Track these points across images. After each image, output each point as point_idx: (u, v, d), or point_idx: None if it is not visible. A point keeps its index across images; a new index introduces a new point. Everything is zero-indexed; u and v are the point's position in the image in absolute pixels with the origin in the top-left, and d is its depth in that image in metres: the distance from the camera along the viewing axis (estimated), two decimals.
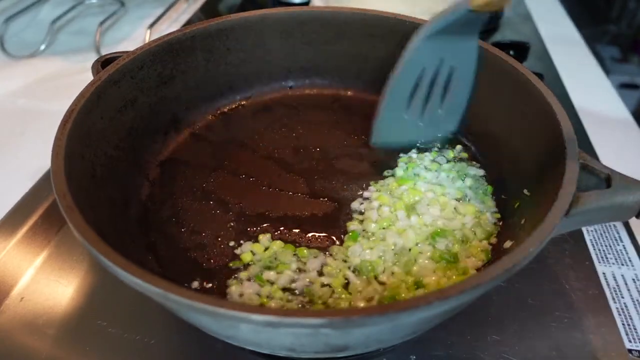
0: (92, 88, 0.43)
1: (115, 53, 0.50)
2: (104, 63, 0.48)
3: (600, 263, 0.48)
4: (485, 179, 0.50)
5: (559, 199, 0.34)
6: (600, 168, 0.37)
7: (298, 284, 0.40)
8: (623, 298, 0.45)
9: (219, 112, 0.59)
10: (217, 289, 0.40)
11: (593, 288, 0.46)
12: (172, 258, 0.43)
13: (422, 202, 0.46)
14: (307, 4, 0.90)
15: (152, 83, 0.51)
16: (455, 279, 0.40)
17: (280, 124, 0.58)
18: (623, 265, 0.48)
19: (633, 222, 0.52)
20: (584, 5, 1.47)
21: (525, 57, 0.77)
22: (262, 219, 0.46)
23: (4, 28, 0.81)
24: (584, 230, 0.51)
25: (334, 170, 0.52)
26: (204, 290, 0.40)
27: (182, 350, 0.41)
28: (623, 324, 0.43)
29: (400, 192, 0.47)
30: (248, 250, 0.43)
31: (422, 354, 0.41)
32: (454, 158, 0.52)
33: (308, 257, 0.43)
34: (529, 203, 0.42)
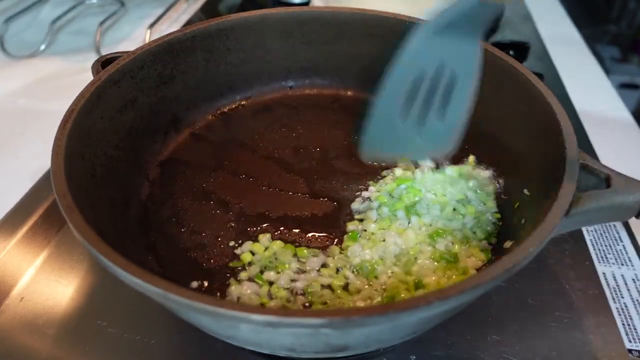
0: (92, 88, 0.43)
1: (116, 53, 0.50)
2: (104, 63, 0.48)
3: (600, 263, 0.48)
4: (490, 181, 0.49)
5: (559, 199, 0.34)
6: (600, 168, 0.37)
7: (298, 284, 0.40)
8: (623, 298, 0.45)
9: (219, 112, 0.59)
10: (217, 289, 0.40)
11: (593, 288, 0.46)
12: (172, 258, 0.43)
13: (422, 202, 0.46)
14: (307, 4, 0.90)
15: (152, 83, 0.51)
16: (455, 279, 0.40)
17: (280, 124, 0.58)
18: (623, 265, 0.48)
19: (633, 222, 0.52)
20: (584, 5, 1.47)
21: (525, 57, 0.77)
22: (262, 219, 0.46)
23: (4, 28, 0.81)
24: (584, 230, 0.51)
25: (334, 170, 0.52)
26: (204, 290, 0.40)
27: (182, 350, 0.41)
28: (623, 324, 0.43)
29: (400, 192, 0.47)
30: (248, 250, 0.43)
31: (422, 354, 0.41)
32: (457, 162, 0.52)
33: (308, 257, 0.43)
34: (529, 203, 0.42)
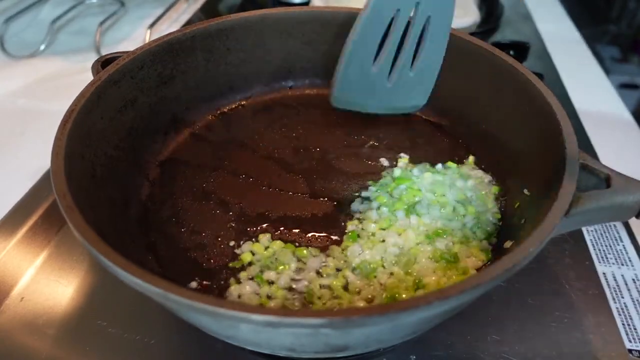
0: (92, 88, 0.43)
1: (116, 53, 0.50)
2: (104, 63, 0.48)
3: (600, 263, 0.48)
4: (491, 183, 0.49)
5: (559, 199, 0.34)
6: (600, 168, 0.37)
7: (298, 284, 0.40)
8: (623, 298, 0.45)
9: (219, 112, 0.59)
10: (217, 289, 0.40)
11: (593, 288, 0.46)
12: (172, 258, 0.43)
13: (422, 202, 0.46)
14: (307, 4, 0.90)
15: (152, 83, 0.51)
16: (455, 279, 0.40)
17: (280, 124, 0.58)
18: (623, 265, 0.48)
19: (633, 222, 0.52)
20: (584, 5, 1.47)
21: (525, 57, 0.77)
22: (262, 219, 0.46)
23: (4, 28, 0.81)
24: (584, 230, 0.51)
25: (334, 170, 0.52)
26: (204, 290, 0.40)
27: (182, 350, 0.41)
28: (623, 324, 0.43)
29: (400, 192, 0.47)
30: (248, 250, 0.43)
31: (422, 354, 0.41)
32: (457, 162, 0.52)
33: (308, 257, 0.43)
34: (529, 203, 0.42)
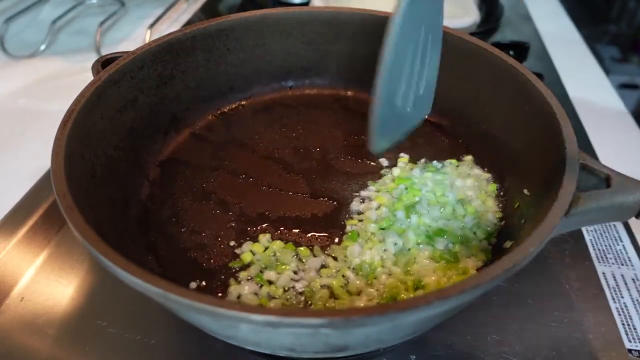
0: (92, 88, 0.43)
1: (116, 53, 0.50)
2: (104, 63, 0.48)
3: (600, 263, 0.48)
4: (489, 182, 0.49)
5: (559, 199, 0.34)
6: (600, 168, 0.37)
7: (298, 284, 0.40)
8: (623, 298, 0.45)
9: (219, 112, 0.59)
10: (217, 289, 0.40)
11: (593, 288, 0.46)
12: (172, 258, 0.43)
13: (422, 202, 0.46)
14: (307, 4, 0.90)
15: (152, 83, 0.51)
16: (455, 279, 0.40)
17: (280, 124, 0.58)
18: (623, 265, 0.48)
19: (633, 222, 0.52)
20: (584, 5, 1.47)
21: (525, 57, 0.77)
22: (262, 219, 0.46)
23: (4, 28, 0.81)
24: (584, 230, 0.51)
25: (334, 170, 0.52)
26: (204, 290, 0.40)
27: (182, 350, 0.41)
28: (623, 324, 0.43)
29: (400, 192, 0.47)
30: (248, 250, 0.43)
31: (422, 354, 0.41)
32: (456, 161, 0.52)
33: (308, 257, 0.43)
34: (529, 203, 0.42)
